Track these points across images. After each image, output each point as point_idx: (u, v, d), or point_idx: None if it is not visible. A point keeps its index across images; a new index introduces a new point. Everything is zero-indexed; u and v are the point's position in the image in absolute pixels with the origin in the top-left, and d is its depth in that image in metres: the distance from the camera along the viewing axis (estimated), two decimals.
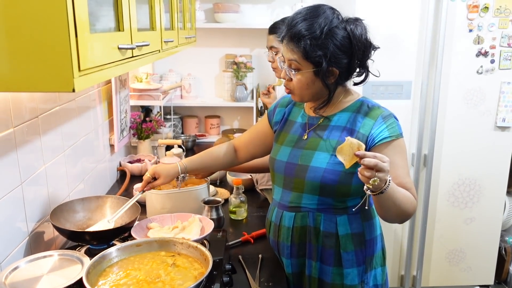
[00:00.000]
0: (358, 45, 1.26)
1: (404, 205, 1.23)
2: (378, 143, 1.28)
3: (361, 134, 1.30)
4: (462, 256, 2.78)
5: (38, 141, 1.46)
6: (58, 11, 0.70)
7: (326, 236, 1.37)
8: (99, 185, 2.10)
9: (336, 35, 1.24)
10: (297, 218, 1.40)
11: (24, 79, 0.72)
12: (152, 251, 1.23)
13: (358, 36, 1.26)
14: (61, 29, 0.70)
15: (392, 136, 1.28)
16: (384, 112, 1.32)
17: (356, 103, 1.37)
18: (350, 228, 1.36)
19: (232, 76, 3.20)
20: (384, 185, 1.12)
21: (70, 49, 0.72)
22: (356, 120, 1.33)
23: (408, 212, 1.26)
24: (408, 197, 1.25)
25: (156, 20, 1.44)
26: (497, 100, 2.54)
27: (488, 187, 2.66)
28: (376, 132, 1.29)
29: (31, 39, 0.72)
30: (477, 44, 2.47)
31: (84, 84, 0.77)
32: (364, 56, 1.30)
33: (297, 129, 1.44)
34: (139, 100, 2.66)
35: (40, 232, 1.48)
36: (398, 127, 1.31)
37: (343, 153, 1.14)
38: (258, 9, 3.20)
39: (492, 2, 2.40)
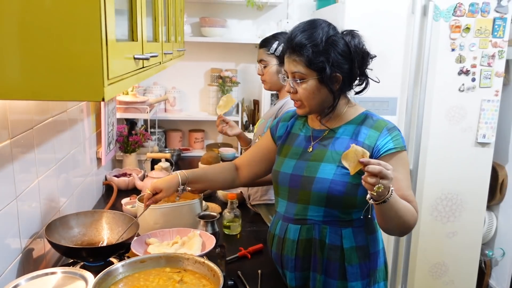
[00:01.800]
0: (357, 52, 1.31)
1: (406, 216, 1.24)
2: (383, 154, 1.30)
3: (366, 145, 1.32)
4: (444, 269, 2.82)
5: (33, 154, 1.40)
6: (92, 20, 0.68)
7: (331, 249, 1.37)
8: (86, 200, 2.04)
9: (336, 43, 1.29)
10: (303, 230, 1.39)
11: (57, 88, 0.70)
12: (157, 267, 1.19)
13: (356, 44, 1.31)
14: (94, 37, 0.68)
15: (396, 148, 1.30)
16: (388, 124, 1.35)
17: (360, 116, 1.39)
18: (355, 241, 1.37)
19: (217, 90, 3.20)
20: (387, 194, 1.14)
21: (102, 58, 0.70)
22: (360, 132, 1.35)
23: (409, 224, 1.27)
24: (410, 209, 1.26)
25: (159, 31, 1.42)
26: (478, 117, 2.62)
27: (469, 201, 2.73)
28: (382, 143, 1.31)
29: (64, 48, 0.70)
30: (459, 63, 2.55)
31: (111, 93, 0.75)
32: (363, 64, 1.34)
33: (301, 141, 1.45)
34: (125, 113, 2.61)
35: (30, 249, 1.42)
36: (402, 139, 1.34)
37: (348, 160, 1.16)
38: (244, 24, 3.23)
39: (473, 23, 2.50)
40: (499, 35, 2.52)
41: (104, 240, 1.49)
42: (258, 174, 1.63)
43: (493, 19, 2.50)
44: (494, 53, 2.54)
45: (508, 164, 2.83)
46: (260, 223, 2.01)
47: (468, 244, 2.79)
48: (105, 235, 1.50)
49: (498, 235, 2.94)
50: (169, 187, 1.47)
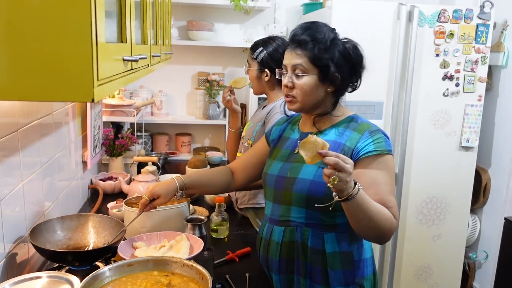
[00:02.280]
0: (357, 56, 1.34)
1: (378, 220, 1.21)
2: (362, 156, 1.29)
3: (347, 147, 1.32)
4: (429, 272, 2.85)
5: (17, 157, 1.38)
6: (82, 21, 0.68)
7: (313, 252, 1.36)
8: (72, 204, 2.01)
9: (338, 45, 1.33)
10: (286, 232, 1.39)
11: (46, 89, 0.69)
12: (144, 271, 1.18)
13: (358, 54, 1.35)
14: (84, 38, 0.68)
15: (377, 151, 1.29)
16: (372, 127, 1.35)
17: (347, 118, 1.40)
18: (338, 247, 1.35)
19: (204, 94, 3.19)
20: (351, 190, 1.12)
21: (92, 58, 0.69)
22: (344, 134, 1.35)
23: (383, 229, 1.23)
24: (384, 213, 1.23)
25: (148, 34, 1.42)
26: (462, 121, 2.67)
27: (453, 205, 2.77)
28: (362, 145, 1.30)
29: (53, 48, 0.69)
30: (443, 68, 2.60)
31: (101, 94, 0.74)
32: (362, 67, 1.37)
33: (289, 144, 1.46)
34: (111, 116, 2.58)
35: (14, 253, 1.39)
36: (386, 143, 1.32)
37: (305, 149, 1.15)
38: (231, 28, 3.23)
39: (456, 29, 2.55)
40: (482, 41, 2.57)
41: (90, 244, 1.47)
42: (253, 178, 1.63)
43: (476, 25, 2.55)
44: (477, 59, 2.59)
45: (491, 168, 2.88)
46: (247, 226, 2.00)
47: (452, 247, 2.83)
48: (91, 239, 1.48)
49: (482, 238, 2.99)
50: (167, 193, 1.46)
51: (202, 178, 1.60)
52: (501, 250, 2.63)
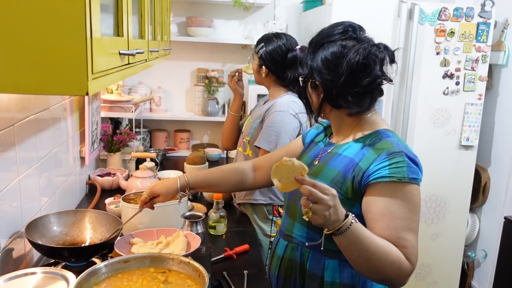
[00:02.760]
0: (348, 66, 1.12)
1: (378, 261, 1.02)
2: (373, 181, 1.09)
3: (359, 167, 1.13)
4: (428, 271, 2.85)
5: (13, 152, 1.37)
6: (76, 13, 0.66)
7: (310, 277, 1.23)
8: (69, 199, 2.00)
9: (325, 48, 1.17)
10: (288, 248, 1.31)
11: (39, 81, 0.68)
12: (141, 268, 1.17)
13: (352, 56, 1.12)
14: (78, 30, 0.67)
15: (392, 177, 1.07)
16: (393, 147, 1.11)
17: (372, 134, 1.19)
18: (339, 277, 1.19)
19: (203, 90, 3.18)
20: (339, 224, 0.98)
21: (86, 51, 0.68)
22: (361, 152, 1.16)
23: (387, 273, 1.04)
24: (389, 255, 1.03)
25: (145, 29, 1.41)
26: (462, 120, 2.66)
27: (452, 203, 2.76)
28: (374, 168, 1.09)
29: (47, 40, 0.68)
30: (443, 67, 2.58)
31: (95, 88, 0.73)
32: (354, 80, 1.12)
33: (313, 152, 1.34)
34: (110, 112, 2.57)
35: (10, 249, 1.38)
36: (408, 169, 1.08)
37: (278, 174, 1.00)
38: (231, 24, 3.22)
39: (457, 27, 2.53)
40: (482, 40, 2.56)
41: (87, 240, 1.46)
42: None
43: (477, 24, 2.54)
44: (477, 58, 2.58)
45: (491, 167, 2.88)
46: (246, 223, 1.99)
47: (451, 246, 2.83)
48: (88, 235, 1.47)
49: (481, 237, 2.98)
50: (167, 192, 1.39)
51: (211, 177, 1.46)
52: (500, 249, 2.62)
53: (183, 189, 1.40)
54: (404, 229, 1.07)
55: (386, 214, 1.07)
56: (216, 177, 1.47)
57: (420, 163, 1.13)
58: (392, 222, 1.06)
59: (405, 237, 1.06)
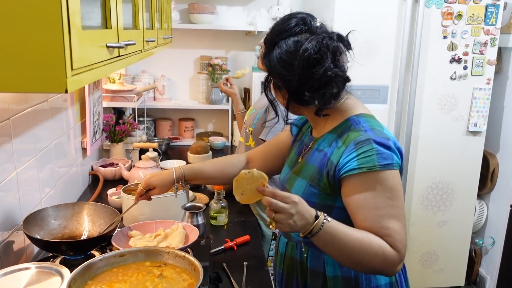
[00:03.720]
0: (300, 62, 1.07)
1: (360, 255, 1.01)
2: (344, 175, 1.06)
3: (331, 162, 1.10)
4: (434, 258, 2.82)
5: (10, 145, 1.36)
6: (51, 5, 0.64)
7: (313, 274, 1.22)
8: (71, 190, 2.00)
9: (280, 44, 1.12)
10: (288, 246, 1.31)
11: (13, 79, 0.66)
12: (136, 262, 1.17)
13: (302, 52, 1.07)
14: (54, 24, 0.64)
15: (361, 168, 1.04)
16: (360, 136, 1.07)
17: (342, 123, 1.15)
18: (340, 271, 1.18)
19: (207, 78, 3.15)
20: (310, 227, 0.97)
21: (64, 47, 0.65)
22: (333, 145, 1.13)
23: (371, 265, 1.02)
24: (371, 247, 1.01)
25: (139, 18, 1.38)
26: (469, 105, 2.60)
27: (460, 190, 2.72)
28: (344, 161, 1.07)
29: (20, 34, 0.65)
30: (451, 51, 2.52)
31: (76, 84, 0.71)
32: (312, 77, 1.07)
33: (297, 148, 1.31)
34: (112, 102, 2.56)
35: (10, 242, 1.38)
36: (377, 156, 1.04)
37: (240, 188, 1.00)
38: (234, 11, 3.16)
39: (465, 10, 2.46)
40: (491, 22, 2.49)
41: (86, 233, 1.46)
42: (272, 171, 1.41)
43: (486, 6, 2.46)
44: (486, 41, 2.51)
45: (499, 153, 2.82)
46: (248, 214, 1.98)
47: (458, 233, 2.79)
48: (86, 228, 1.47)
49: (489, 224, 2.94)
50: (163, 184, 1.38)
51: (207, 169, 1.44)
52: (507, 236, 2.59)
53: (179, 181, 1.39)
54: (383, 217, 1.04)
55: (363, 205, 1.05)
56: (211, 170, 1.45)
57: (394, 145, 1.08)
58: (369, 213, 1.04)
59: (386, 226, 1.03)
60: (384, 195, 1.04)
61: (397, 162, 1.07)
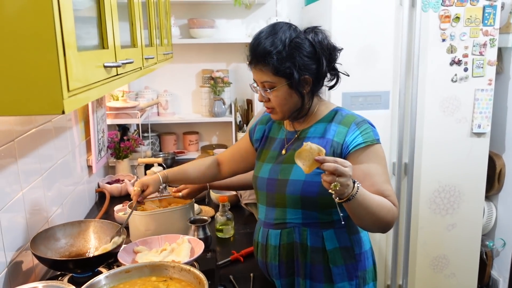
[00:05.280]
0: (323, 49, 1.27)
1: (379, 212, 1.20)
2: (353, 149, 1.27)
3: (335, 142, 1.30)
4: (445, 262, 2.80)
5: (15, 166, 1.38)
6: (45, 28, 0.66)
7: (314, 251, 1.34)
8: (78, 208, 2.02)
9: (300, 45, 1.26)
10: (283, 235, 1.37)
11: (9, 102, 0.67)
12: (142, 277, 1.18)
13: (320, 41, 1.28)
14: (49, 46, 0.66)
15: (366, 142, 1.27)
16: (357, 118, 1.32)
17: (330, 113, 1.37)
18: (338, 242, 1.35)
19: (209, 91, 3.17)
20: (351, 191, 1.11)
21: (59, 68, 0.67)
22: (330, 129, 1.32)
23: (386, 220, 1.23)
24: (385, 205, 1.23)
25: (137, 36, 1.40)
26: (472, 107, 2.59)
27: (467, 193, 2.70)
28: (350, 139, 1.28)
29: (16, 59, 0.67)
30: (450, 53, 2.52)
31: (73, 105, 0.72)
32: (331, 60, 1.31)
33: (277, 145, 1.43)
34: (116, 119, 2.59)
35: (18, 262, 1.40)
36: (373, 132, 1.30)
37: (301, 158, 1.12)
38: (233, 23, 3.20)
39: (462, 12, 2.47)
40: (489, 23, 2.49)
41: (92, 250, 1.47)
42: (238, 172, 1.66)
43: (483, 7, 2.46)
44: (485, 42, 2.51)
45: (505, 153, 2.80)
46: (253, 224, 1.97)
47: (468, 236, 2.76)
48: (93, 245, 1.48)
49: (498, 225, 2.91)
50: (154, 183, 1.55)
51: (186, 171, 1.63)
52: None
53: (164, 181, 1.58)
54: (384, 182, 1.27)
55: (368, 173, 1.25)
56: (190, 171, 1.63)
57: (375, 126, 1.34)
58: (374, 180, 1.26)
59: (386, 188, 1.26)
60: (381, 163, 1.29)
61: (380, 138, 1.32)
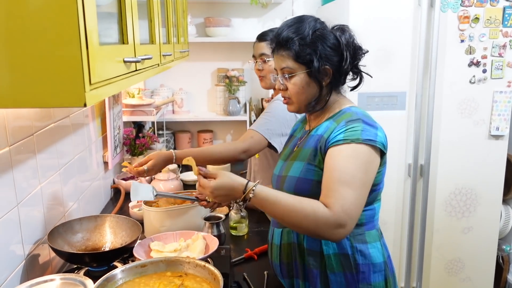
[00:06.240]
0: (348, 45, 1.25)
1: (291, 217, 1.10)
2: (330, 145, 1.19)
3: (323, 138, 1.24)
4: (460, 266, 2.76)
5: (34, 160, 1.40)
6: (69, 23, 0.67)
7: (310, 254, 1.29)
8: (94, 203, 2.04)
9: (324, 35, 1.24)
10: (284, 234, 1.35)
11: (33, 95, 0.69)
12: (158, 272, 1.18)
13: (347, 38, 1.26)
14: (72, 40, 0.67)
15: (346, 140, 1.16)
16: (351, 117, 1.23)
17: (340, 112, 1.30)
18: (337, 248, 1.26)
19: (224, 90, 3.18)
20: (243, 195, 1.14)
21: (82, 62, 0.68)
22: (327, 127, 1.27)
23: (306, 226, 1.09)
24: (303, 209, 1.08)
25: (155, 33, 1.41)
26: (490, 109, 2.56)
27: (484, 196, 2.66)
28: (333, 135, 1.20)
29: (40, 52, 0.68)
30: (469, 54, 2.49)
31: (94, 98, 0.73)
32: (355, 58, 1.28)
33: (293, 143, 1.43)
34: (131, 116, 2.61)
35: (35, 255, 1.42)
36: (362, 132, 1.17)
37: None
38: (249, 22, 3.20)
39: (482, 12, 2.43)
40: (509, 24, 2.45)
41: (108, 244, 1.48)
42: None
43: (503, 8, 2.43)
44: (505, 43, 2.47)
45: None
46: (267, 223, 1.98)
47: (484, 239, 2.73)
48: (109, 240, 1.49)
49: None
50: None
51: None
52: None
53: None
54: (339, 182, 1.11)
55: (330, 168, 1.14)
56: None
57: (381, 130, 1.22)
58: (331, 175, 1.13)
59: (337, 189, 1.10)
60: (353, 164, 1.13)
61: (380, 142, 1.18)
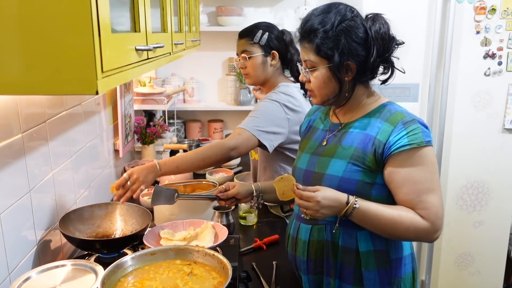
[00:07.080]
0: (377, 39, 1.19)
1: (392, 230, 1.16)
2: (395, 151, 1.16)
3: (378, 141, 1.19)
4: (470, 260, 2.74)
5: (46, 147, 1.42)
6: (82, 10, 0.66)
7: (345, 251, 1.27)
8: (104, 191, 2.06)
9: (350, 27, 1.18)
10: (314, 231, 1.31)
11: (45, 82, 0.69)
12: (167, 260, 1.19)
13: (376, 29, 1.19)
14: (85, 28, 0.67)
15: (412, 144, 1.15)
16: (406, 117, 1.20)
17: (379, 108, 1.26)
18: (372, 245, 1.25)
19: (235, 80, 3.17)
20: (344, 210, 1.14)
21: (94, 50, 0.68)
22: (374, 126, 1.22)
23: (406, 237, 1.20)
24: (402, 222, 1.14)
25: (168, 22, 1.41)
26: (505, 102, 2.51)
27: (496, 190, 2.63)
28: (394, 139, 1.17)
29: (53, 40, 0.68)
30: (484, 46, 2.44)
31: (106, 86, 0.73)
32: (386, 51, 1.21)
33: (318, 135, 1.37)
34: (142, 105, 2.62)
35: (47, 240, 1.44)
36: (423, 134, 1.17)
37: (280, 189, 1.25)
38: (261, 12, 3.18)
39: (499, 3, 2.38)
40: None
41: (118, 232, 1.50)
42: None
43: None
44: None
45: None
46: (276, 214, 1.98)
47: (495, 234, 2.70)
48: (119, 227, 1.50)
49: None
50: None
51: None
52: None
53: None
54: (424, 191, 1.16)
55: (408, 180, 1.16)
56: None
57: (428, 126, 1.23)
58: (413, 187, 1.16)
59: (426, 199, 1.16)
60: (427, 169, 1.17)
61: (432, 140, 1.21)
